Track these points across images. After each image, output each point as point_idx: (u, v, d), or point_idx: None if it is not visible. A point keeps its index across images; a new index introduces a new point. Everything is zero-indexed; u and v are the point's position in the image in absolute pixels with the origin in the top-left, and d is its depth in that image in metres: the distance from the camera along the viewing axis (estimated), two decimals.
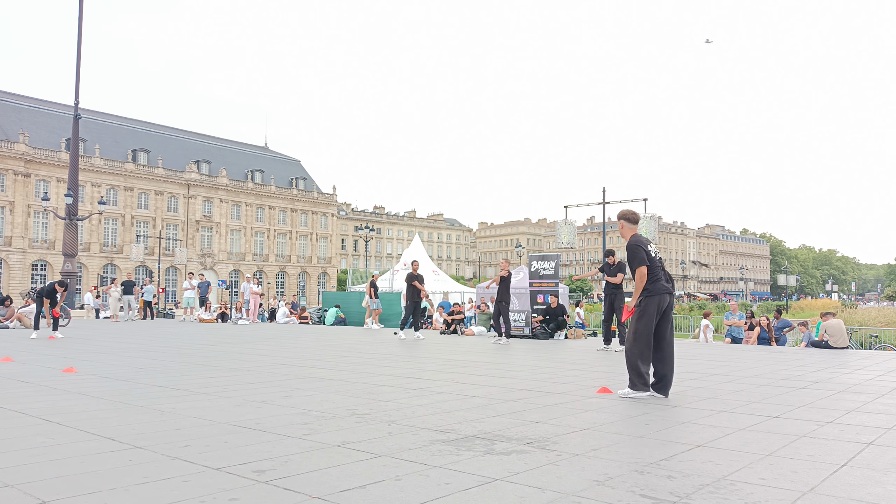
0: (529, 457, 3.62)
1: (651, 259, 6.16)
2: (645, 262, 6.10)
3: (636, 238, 6.27)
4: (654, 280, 6.11)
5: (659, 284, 6.10)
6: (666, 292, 6.12)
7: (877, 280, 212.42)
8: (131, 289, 24.95)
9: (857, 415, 5.14)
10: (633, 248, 6.17)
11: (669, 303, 6.18)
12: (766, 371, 8.48)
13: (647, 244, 6.21)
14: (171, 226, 75.22)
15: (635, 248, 6.16)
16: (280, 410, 5.08)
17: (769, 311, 37.51)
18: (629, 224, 6.47)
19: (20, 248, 63.28)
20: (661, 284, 6.12)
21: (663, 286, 6.12)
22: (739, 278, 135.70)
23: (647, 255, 6.14)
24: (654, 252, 6.23)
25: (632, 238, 6.30)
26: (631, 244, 6.21)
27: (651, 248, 6.24)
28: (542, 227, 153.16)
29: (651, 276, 6.12)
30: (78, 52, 29.12)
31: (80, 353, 10.49)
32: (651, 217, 23.10)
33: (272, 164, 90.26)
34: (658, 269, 6.17)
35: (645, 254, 6.13)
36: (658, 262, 6.23)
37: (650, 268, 6.12)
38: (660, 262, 6.25)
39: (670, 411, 5.22)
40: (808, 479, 3.20)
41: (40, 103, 72.40)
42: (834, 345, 13.87)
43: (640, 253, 6.12)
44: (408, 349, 11.86)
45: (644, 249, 6.13)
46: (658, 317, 6.08)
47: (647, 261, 6.13)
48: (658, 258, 6.25)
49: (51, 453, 3.64)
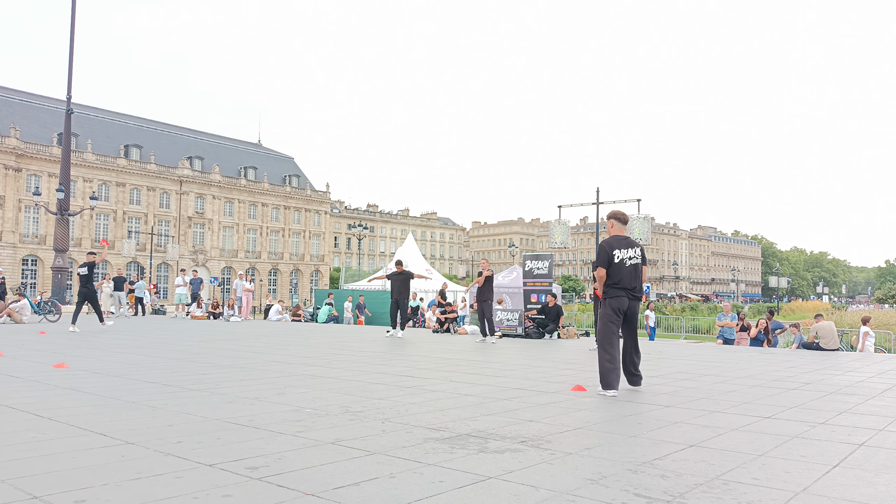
0: (523, 455, 3.62)
1: (615, 263, 6.39)
2: (605, 264, 6.39)
3: (608, 240, 6.54)
4: (615, 283, 6.36)
5: (618, 288, 6.35)
6: (625, 296, 6.36)
7: (867, 282, 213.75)
8: (122, 285, 24.83)
9: (849, 416, 5.17)
10: (600, 248, 6.49)
11: (630, 305, 6.41)
12: (758, 372, 8.52)
13: (619, 248, 6.42)
14: (163, 222, 74.89)
15: (601, 249, 6.47)
16: (273, 407, 5.07)
17: (761, 313, 37.56)
18: (618, 224, 6.71)
19: (11, 242, 62.87)
20: (620, 288, 6.36)
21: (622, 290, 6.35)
22: (731, 280, 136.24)
23: (611, 258, 6.40)
24: (626, 257, 6.42)
25: (605, 239, 6.59)
26: (601, 244, 6.52)
27: (623, 252, 6.42)
28: (536, 226, 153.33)
29: (612, 278, 6.36)
30: (71, 46, 28.95)
31: (71, 348, 10.43)
32: (644, 218, 23.16)
33: (265, 161, 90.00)
34: (623, 272, 6.37)
35: (609, 257, 6.40)
36: (628, 266, 6.42)
37: (612, 270, 6.36)
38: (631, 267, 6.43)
39: (663, 411, 5.23)
40: (801, 480, 3.22)
41: (32, 97, 71.91)
42: (825, 346, 13.94)
43: (604, 255, 6.42)
44: (400, 347, 11.85)
45: (609, 253, 6.40)
46: (620, 317, 6.37)
47: (609, 263, 6.39)
48: (631, 264, 6.44)
49: (42, 448, 3.62)
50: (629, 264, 6.41)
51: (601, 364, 6.19)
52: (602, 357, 6.21)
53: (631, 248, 6.46)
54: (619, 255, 6.39)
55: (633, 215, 23.44)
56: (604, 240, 6.57)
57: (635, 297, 6.42)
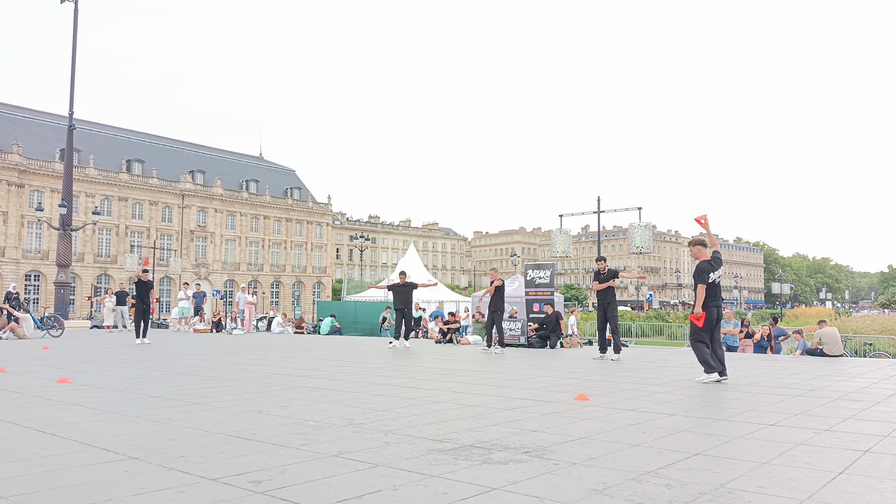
0: (527, 466, 3.61)
1: (710, 282, 7.97)
2: (705, 283, 7.96)
3: (703, 263, 8.12)
4: (712, 297, 8.01)
5: (711, 301, 7.99)
6: (713, 307, 8.02)
7: (870, 288, 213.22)
8: (124, 299, 24.86)
9: (854, 422, 5.15)
10: (697, 271, 8.13)
11: (716, 315, 8.06)
12: (761, 379, 8.49)
13: (713, 270, 8.04)
14: (165, 236, 75.04)
15: (699, 271, 8.11)
16: (276, 420, 5.06)
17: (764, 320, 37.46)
18: (702, 249, 8.30)
19: (13, 258, 63.01)
20: (712, 301, 8.01)
21: (712, 303, 8.00)
22: (734, 287, 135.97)
23: (708, 278, 7.98)
24: (716, 275, 8.07)
25: (701, 262, 8.18)
26: (697, 267, 8.16)
27: (716, 273, 8.07)
28: (537, 235, 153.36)
29: (709, 292, 7.98)
30: (73, 62, 29.14)
31: (74, 363, 10.43)
32: (646, 226, 23.17)
33: (267, 174, 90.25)
34: (716, 288, 8.06)
35: (706, 277, 7.98)
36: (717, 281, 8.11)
37: (710, 286, 7.96)
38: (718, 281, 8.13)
39: (667, 420, 5.22)
40: (806, 487, 3.20)
41: (34, 114, 72.28)
42: (829, 353, 13.90)
43: (705, 276, 8.00)
44: (403, 359, 11.84)
45: (707, 274, 7.99)
46: (714, 324, 8.10)
47: (707, 282, 7.96)
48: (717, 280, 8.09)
49: (45, 464, 3.62)
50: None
51: (701, 359, 7.91)
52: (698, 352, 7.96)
53: (719, 270, 8.11)
54: (716, 275, 8.06)
55: (634, 223, 23.45)
56: (701, 262, 8.15)
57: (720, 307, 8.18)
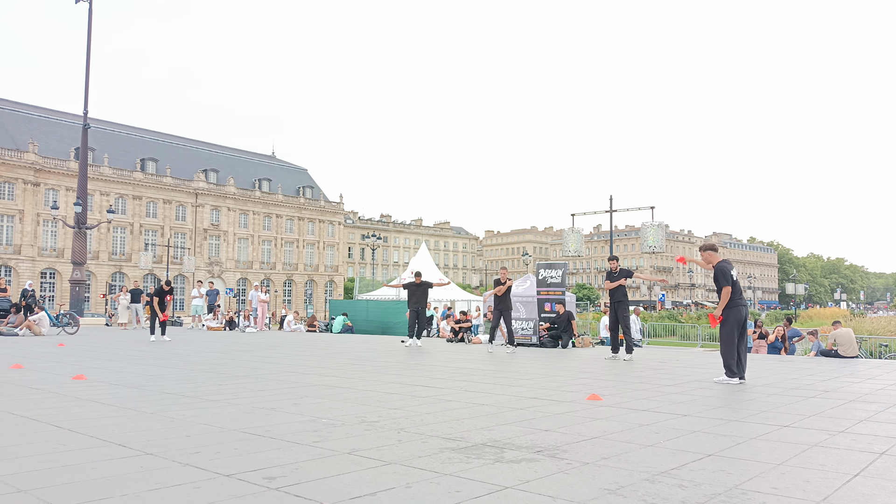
0: (539, 465, 3.61)
1: (734, 281, 7.98)
2: (730, 283, 7.94)
3: (722, 263, 8.15)
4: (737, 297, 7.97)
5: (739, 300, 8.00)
6: (741, 305, 8.01)
7: (886, 289, 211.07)
8: (138, 297, 25.08)
9: (869, 424, 5.11)
10: (720, 271, 8.08)
11: (745, 314, 8.05)
12: (776, 380, 8.43)
13: (731, 269, 8.08)
14: (179, 234, 75.53)
15: (721, 272, 8.06)
16: (289, 418, 5.09)
17: (778, 320, 37.13)
18: (714, 253, 8.37)
19: (29, 256, 63.68)
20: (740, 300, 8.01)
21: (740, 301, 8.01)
22: (747, 287, 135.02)
23: (731, 277, 7.98)
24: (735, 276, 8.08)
25: (719, 263, 8.18)
26: (717, 268, 8.12)
27: (734, 272, 8.09)
28: (549, 235, 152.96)
29: (734, 293, 7.96)
30: (87, 62, 29.39)
31: (89, 360, 10.53)
32: (658, 225, 23.06)
33: (279, 173, 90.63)
34: (738, 288, 8.02)
35: (730, 276, 7.98)
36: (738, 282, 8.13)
37: (733, 288, 7.95)
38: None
39: (680, 420, 5.20)
40: (821, 489, 3.18)
41: (50, 113, 72.99)
42: (843, 354, 13.78)
43: (728, 276, 8.00)
44: (415, 357, 11.86)
45: (729, 273, 8.01)
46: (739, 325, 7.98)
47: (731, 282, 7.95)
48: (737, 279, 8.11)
49: (62, 459, 3.66)
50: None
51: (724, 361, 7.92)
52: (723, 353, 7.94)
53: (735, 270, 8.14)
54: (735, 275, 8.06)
55: (646, 223, 23.35)
56: (719, 263, 8.14)
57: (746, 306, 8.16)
